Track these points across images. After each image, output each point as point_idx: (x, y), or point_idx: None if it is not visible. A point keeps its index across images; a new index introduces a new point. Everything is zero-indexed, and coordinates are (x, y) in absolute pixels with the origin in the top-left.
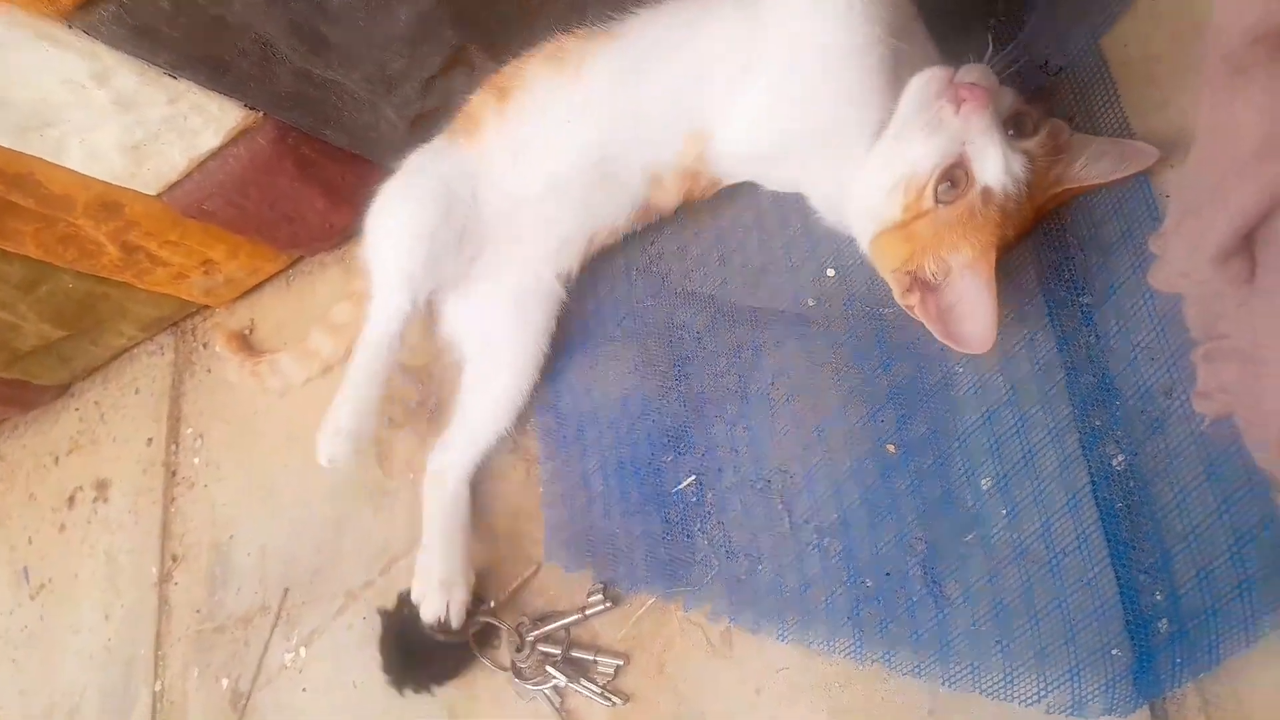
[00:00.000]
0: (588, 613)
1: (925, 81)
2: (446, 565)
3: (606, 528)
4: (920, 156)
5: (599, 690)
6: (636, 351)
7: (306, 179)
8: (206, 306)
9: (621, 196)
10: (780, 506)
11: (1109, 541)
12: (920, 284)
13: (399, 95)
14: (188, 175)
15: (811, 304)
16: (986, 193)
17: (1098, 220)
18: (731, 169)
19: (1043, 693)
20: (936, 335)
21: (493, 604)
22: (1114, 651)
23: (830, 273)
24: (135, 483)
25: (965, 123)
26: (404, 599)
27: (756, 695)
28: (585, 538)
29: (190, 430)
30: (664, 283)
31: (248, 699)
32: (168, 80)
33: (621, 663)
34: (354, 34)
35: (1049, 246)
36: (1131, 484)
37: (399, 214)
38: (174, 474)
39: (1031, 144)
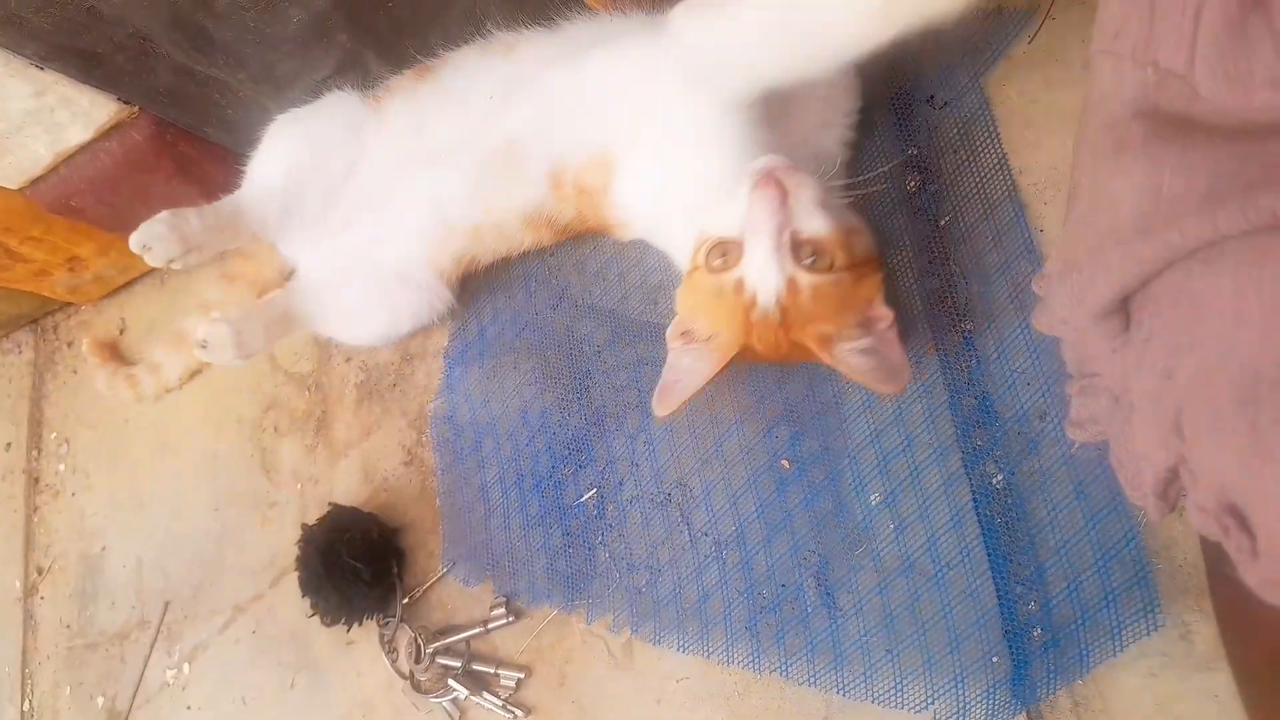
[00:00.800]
0: (489, 626)
1: (761, 160)
2: (255, 326)
3: (506, 541)
4: (713, 221)
5: (500, 703)
6: (536, 363)
7: (186, 178)
8: (71, 304)
9: (517, 190)
10: (679, 519)
11: (989, 555)
12: (688, 337)
13: (288, 97)
14: (53, 170)
15: None
16: (739, 284)
17: (979, 251)
18: (624, 214)
19: (930, 700)
20: (662, 382)
21: (401, 607)
22: (994, 659)
23: None
24: None
25: (750, 207)
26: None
27: (657, 705)
28: (485, 550)
29: (54, 435)
30: (563, 296)
31: (126, 718)
32: (34, 71)
33: (523, 675)
34: (242, 33)
35: (933, 274)
36: (1009, 501)
37: (293, 126)
38: (36, 481)
39: (808, 279)
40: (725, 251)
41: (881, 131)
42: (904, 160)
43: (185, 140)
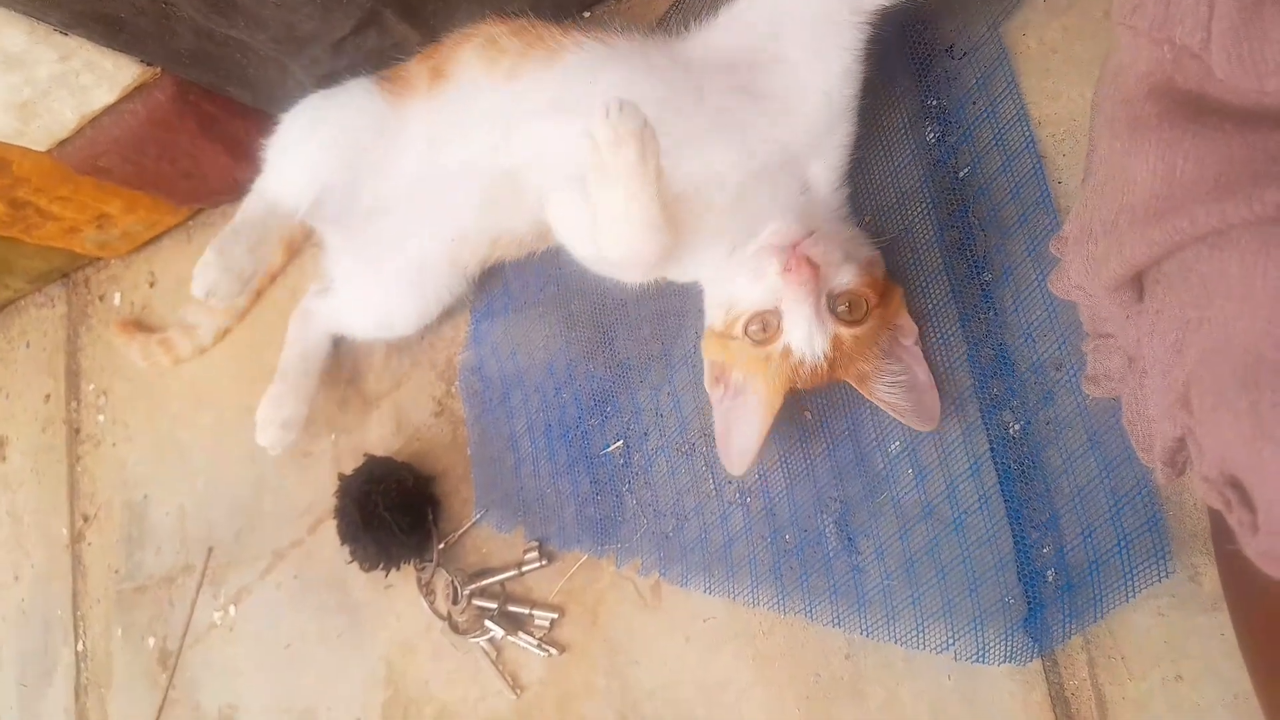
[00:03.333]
0: (523, 569)
1: (773, 231)
2: (295, 403)
3: (536, 488)
4: (742, 294)
5: (535, 641)
6: (561, 317)
7: (209, 135)
8: (100, 258)
9: (524, 213)
10: (704, 468)
11: (1006, 501)
12: (724, 382)
13: (308, 55)
14: (80, 132)
15: None
16: (787, 350)
17: (997, 203)
18: None
19: (951, 641)
20: (716, 434)
21: (437, 552)
22: (1011, 602)
23: None
24: (34, 440)
25: (785, 288)
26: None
27: (686, 643)
28: (516, 498)
29: (92, 387)
30: None
31: (178, 657)
32: (58, 38)
33: (556, 615)
34: None
35: (952, 225)
36: (1025, 449)
37: (311, 114)
38: (77, 431)
39: (849, 332)
40: (764, 322)
41: (901, 82)
42: (923, 111)
43: (207, 99)
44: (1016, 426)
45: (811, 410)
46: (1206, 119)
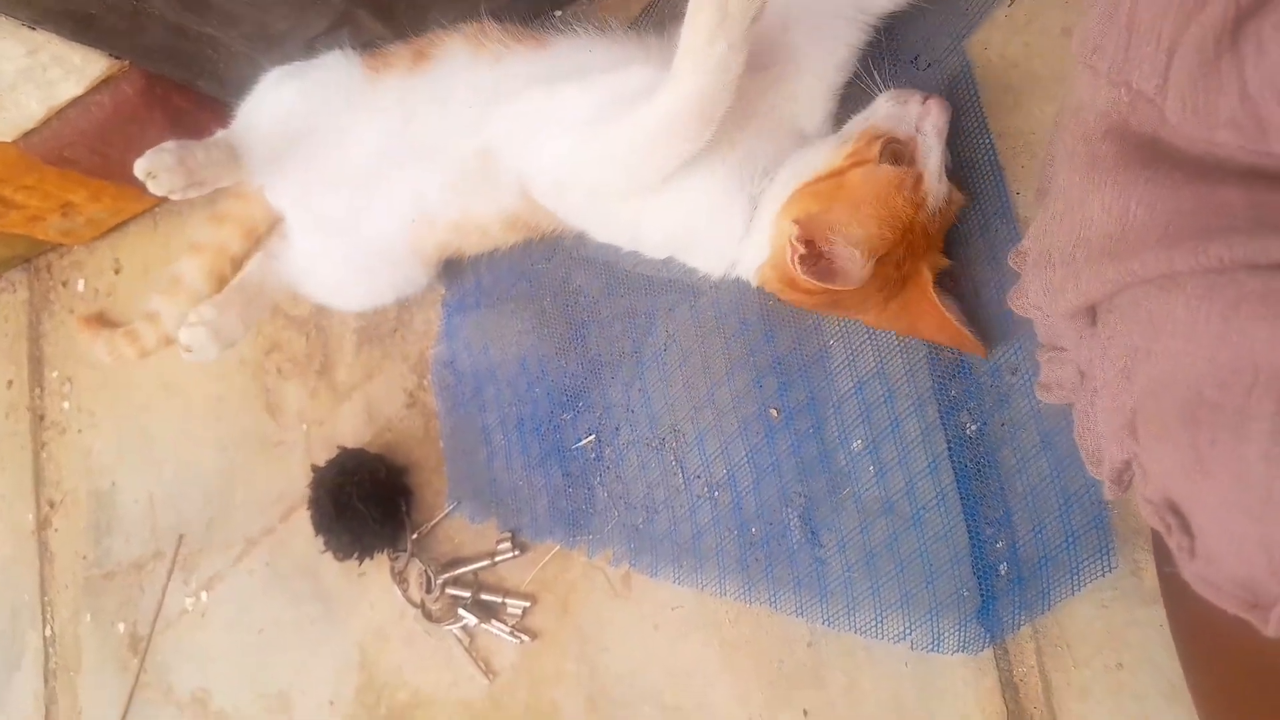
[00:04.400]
0: (496, 559)
1: (899, 89)
2: (234, 318)
3: (509, 480)
4: (882, 119)
5: (508, 629)
6: (533, 313)
7: (177, 128)
8: (63, 244)
9: (492, 197)
10: (674, 462)
11: (962, 499)
12: (809, 244)
13: (280, 52)
14: (46, 123)
15: (701, 275)
16: (919, 180)
17: (959, 212)
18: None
19: (908, 631)
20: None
21: (410, 542)
22: (965, 594)
23: None
24: None
25: (926, 112)
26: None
27: (655, 631)
28: (489, 490)
29: (56, 374)
30: (557, 247)
31: (149, 642)
32: (26, 32)
33: (529, 604)
34: None
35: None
36: (981, 449)
37: (290, 78)
38: (41, 418)
39: (957, 194)
40: (896, 153)
41: (869, 91)
42: None
43: (177, 92)
44: (973, 427)
45: (778, 408)
46: (1159, 165)
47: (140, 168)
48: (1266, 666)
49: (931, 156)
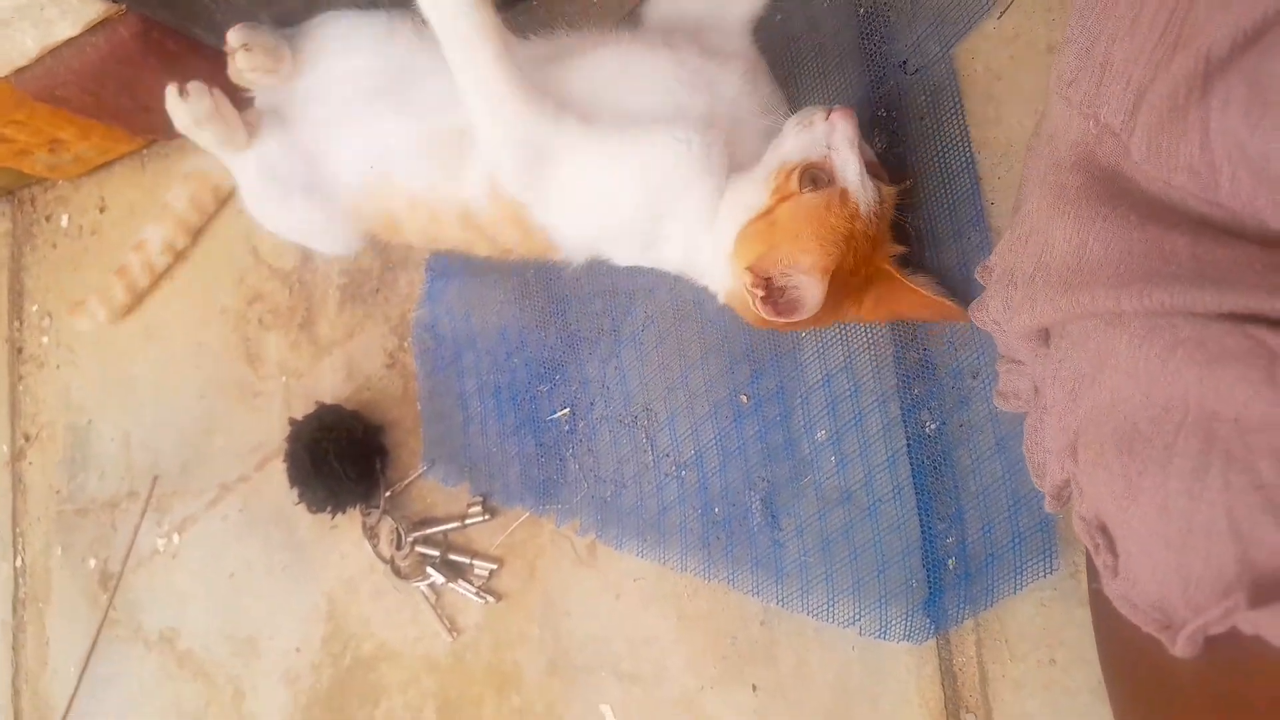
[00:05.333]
0: (467, 521)
1: (803, 111)
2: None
3: (484, 446)
4: (791, 150)
5: (474, 590)
6: (516, 284)
7: (171, 73)
8: (48, 179)
9: (455, 181)
10: (644, 440)
11: (917, 493)
12: (767, 283)
13: (281, 5)
14: (39, 61)
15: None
16: (844, 195)
17: (934, 216)
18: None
19: (857, 617)
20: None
21: (384, 499)
22: (914, 585)
23: None
24: None
25: (831, 128)
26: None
27: (616, 600)
28: (463, 454)
29: (36, 308)
30: None
31: (119, 579)
32: None
33: (496, 566)
34: None
35: (894, 236)
36: (939, 447)
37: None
38: (20, 351)
39: (887, 188)
40: (814, 177)
41: (855, 91)
42: (873, 120)
43: (171, 38)
44: (933, 425)
45: (748, 395)
46: (1119, 203)
47: (235, 37)
48: (1174, 682)
49: (849, 169)
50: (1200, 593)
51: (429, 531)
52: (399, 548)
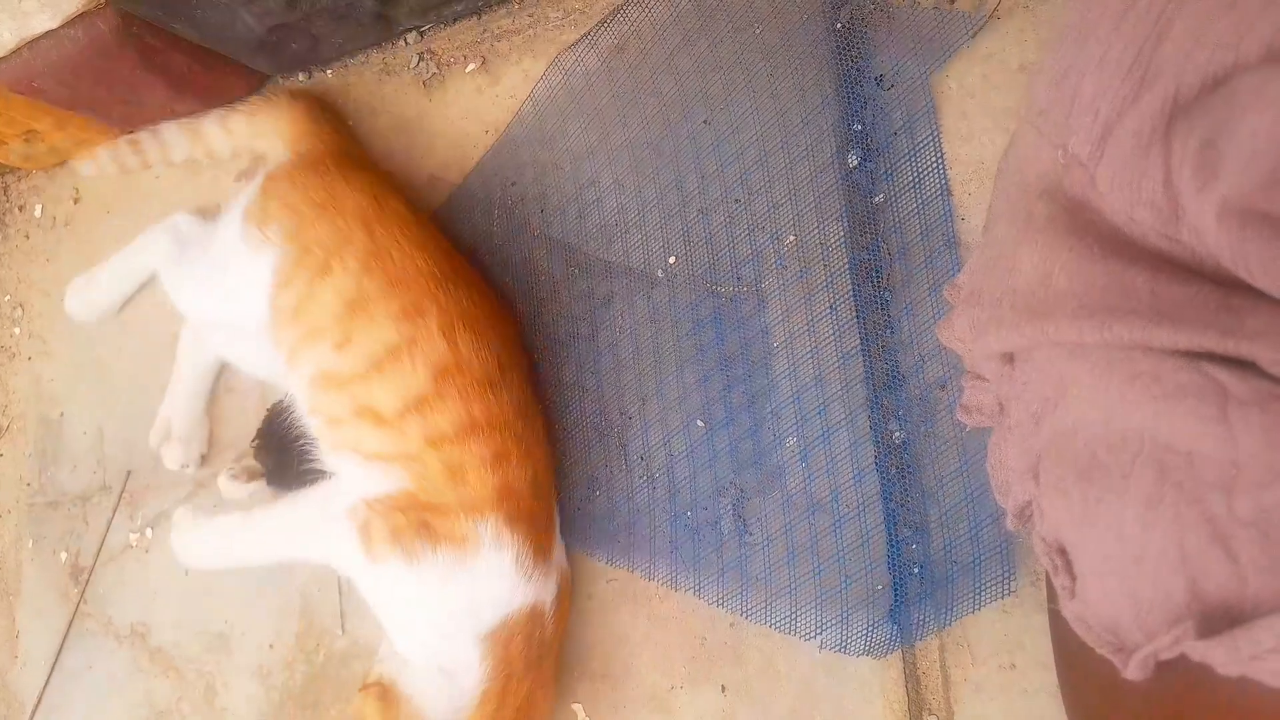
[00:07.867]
0: None
1: None
2: (188, 421)
3: None
4: None
5: None
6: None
7: (149, 67)
8: (22, 169)
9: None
10: (617, 447)
11: (884, 502)
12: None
13: (261, 5)
14: (16, 52)
15: (660, 274)
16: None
17: (905, 230)
18: None
19: (819, 630)
20: None
21: None
22: (876, 601)
23: (672, 260)
24: None
25: None
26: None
27: (589, 600)
28: None
29: (8, 298)
30: (525, 227)
31: (90, 573)
32: None
33: None
34: None
35: (864, 249)
36: (905, 457)
37: None
38: None
39: None
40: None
41: (830, 105)
42: (848, 136)
43: (151, 32)
44: (900, 435)
45: (722, 406)
46: (1083, 235)
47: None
48: (1126, 703)
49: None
50: (1152, 618)
51: None
52: None
